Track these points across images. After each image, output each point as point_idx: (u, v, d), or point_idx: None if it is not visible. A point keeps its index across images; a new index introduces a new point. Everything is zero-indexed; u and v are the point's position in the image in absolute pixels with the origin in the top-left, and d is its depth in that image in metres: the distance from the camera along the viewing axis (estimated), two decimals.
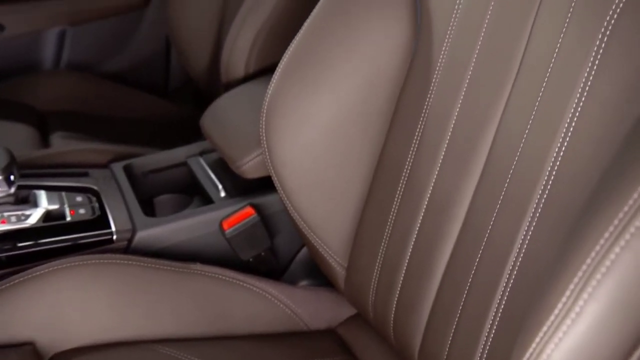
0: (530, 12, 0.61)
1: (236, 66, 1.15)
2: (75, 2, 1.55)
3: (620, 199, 0.47)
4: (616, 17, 0.53)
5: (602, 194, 0.49)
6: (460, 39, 0.68)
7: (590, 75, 0.54)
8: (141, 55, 1.66)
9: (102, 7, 1.58)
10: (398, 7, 0.75)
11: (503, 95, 0.63)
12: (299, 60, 0.79)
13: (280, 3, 1.10)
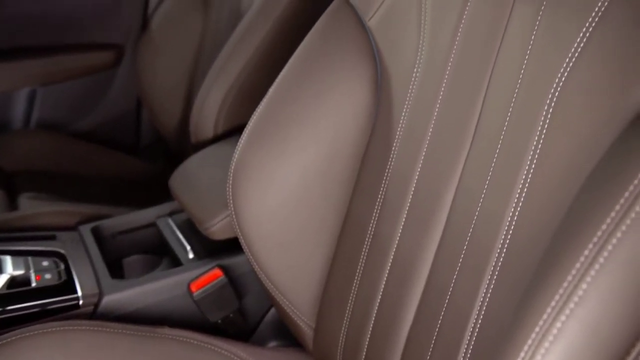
0: (483, 80, 0.64)
1: (205, 127, 1.17)
2: (46, 62, 1.57)
3: (571, 258, 0.49)
4: (560, 90, 0.56)
5: (555, 253, 0.51)
6: (419, 104, 0.71)
7: (539, 143, 0.57)
8: (112, 114, 1.68)
9: (73, 67, 1.60)
10: (360, 72, 0.78)
11: (460, 159, 0.66)
12: (265, 125, 0.81)
13: (248, 65, 1.13)
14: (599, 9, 0.54)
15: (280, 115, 0.80)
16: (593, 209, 0.48)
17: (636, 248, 0.46)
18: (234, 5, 1.32)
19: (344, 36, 0.79)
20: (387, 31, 0.75)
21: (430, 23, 0.70)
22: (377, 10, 0.75)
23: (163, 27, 1.50)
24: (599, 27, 0.54)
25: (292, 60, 0.82)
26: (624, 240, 0.46)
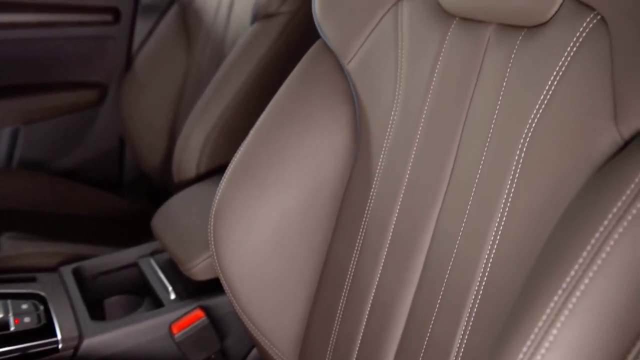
0: (458, 124, 0.65)
1: (187, 166, 1.17)
2: (29, 101, 1.57)
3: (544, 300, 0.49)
4: (531, 133, 0.57)
5: (528, 295, 0.52)
6: (397, 147, 0.72)
7: (512, 187, 0.58)
8: (95, 152, 1.68)
9: (56, 106, 1.60)
10: (339, 114, 0.79)
11: (437, 202, 0.67)
12: (246, 166, 0.82)
13: (230, 105, 1.14)
14: (568, 54, 0.55)
15: (261, 157, 0.81)
16: (565, 251, 0.49)
17: (608, 289, 0.47)
18: (217, 46, 1.34)
19: (323, 79, 0.81)
20: (365, 75, 0.77)
21: (407, 68, 0.72)
22: (355, 54, 0.77)
23: (147, 66, 1.52)
24: (568, 71, 0.55)
25: (273, 102, 0.84)
26: (595, 281, 0.47)
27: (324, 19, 0.80)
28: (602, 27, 0.53)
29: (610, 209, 0.46)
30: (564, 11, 0.56)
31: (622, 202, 0.46)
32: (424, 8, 0.71)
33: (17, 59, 1.54)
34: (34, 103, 1.58)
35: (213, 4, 1.38)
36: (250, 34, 1.16)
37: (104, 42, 1.62)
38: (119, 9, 1.60)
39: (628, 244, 0.45)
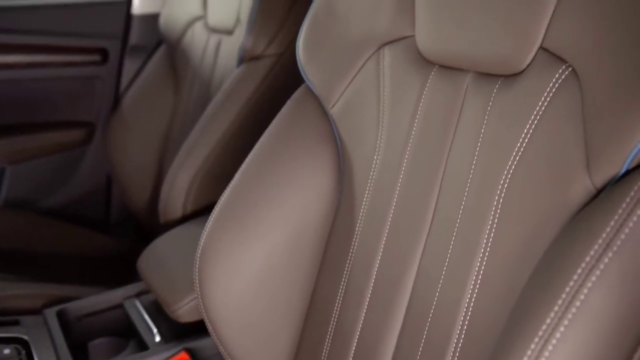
0: (439, 168, 0.67)
1: (174, 206, 1.18)
2: (16, 141, 1.57)
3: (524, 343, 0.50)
4: (509, 179, 0.58)
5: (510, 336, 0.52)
6: (380, 190, 0.73)
7: (491, 231, 0.59)
8: (82, 191, 1.68)
9: (43, 146, 1.61)
10: (323, 157, 0.81)
11: (420, 244, 0.67)
12: (231, 208, 0.83)
13: (216, 147, 1.15)
14: (542, 104, 0.57)
15: (246, 199, 0.82)
16: (539, 300, 0.50)
17: (582, 337, 0.48)
18: (204, 86, 1.35)
19: (307, 123, 0.82)
20: (348, 119, 0.78)
21: (389, 113, 0.73)
22: (339, 99, 0.79)
23: (134, 106, 1.53)
24: (542, 121, 0.57)
25: (259, 146, 0.85)
26: (569, 329, 0.48)
27: (308, 64, 0.81)
28: (573, 78, 0.54)
29: (582, 259, 0.47)
30: (538, 62, 0.58)
31: (594, 251, 0.47)
32: (404, 55, 0.73)
33: (5, 99, 1.55)
34: (22, 143, 1.58)
35: (200, 45, 1.40)
36: (237, 76, 1.18)
37: (92, 81, 1.63)
38: (107, 50, 1.62)
39: (599, 295, 0.46)
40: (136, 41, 1.64)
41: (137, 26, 1.63)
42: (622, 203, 0.47)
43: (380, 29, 0.74)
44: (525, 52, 0.59)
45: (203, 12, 1.42)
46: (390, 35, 0.73)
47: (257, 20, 1.17)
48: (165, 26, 1.53)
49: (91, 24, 1.60)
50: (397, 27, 0.73)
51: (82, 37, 1.59)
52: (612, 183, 0.50)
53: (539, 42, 0.58)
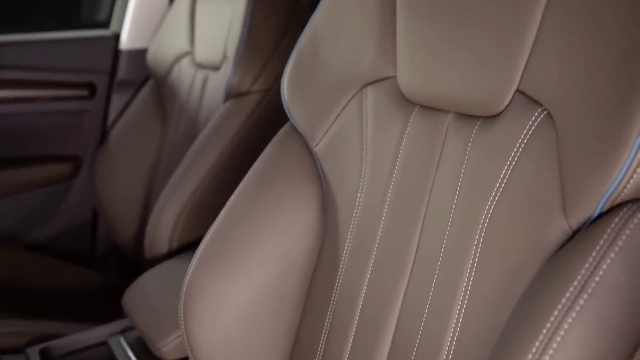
0: (421, 207, 0.68)
1: (160, 242, 1.18)
2: (2, 175, 1.57)
3: None
4: (489, 219, 0.59)
5: None
6: (364, 228, 0.74)
7: (472, 271, 0.60)
8: (68, 225, 1.67)
9: (30, 180, 1.61)
10: (308, 195, 0.81)
11: (403, 282, 0.68)
12: (216, 246, 0.83)
13: (203, 183, 1.16)
14: (520, 145, 0.58)
15: (232, 237, 0.82)
16: (518, 340, 0.50)
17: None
18: (191, 122, 1.36)
19: (292, 160, 0.83)
20: (332, 157, 0.79)
21: (372, 152, 0.74)
22: (323, 138, 0.80)
23: (121, 140, 1.54)
24: (520, 162, 0.58)
25: (244, 183, 0.85)
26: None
27: (293, 103, 0.82)
28: (549, 122, 0.56)
29: (558, 301, 0.48)
30: (515, 105, 0.60)
31: (570, 293, 0.48)
32: (387, 95, 0.74)
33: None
34: (8, 177, 1.58)
35: (187, 80, 1.42)
36: (223, 112, 1.19)
37: (80, 116, 1.64)
38: (95, 85, 1.63)
39: (575, 338, 0.47)
40: (124, 76, 1.65)
41: (126, 61, 1.64)
42: (596, 246, 0.48)
43: (363, 70, 0.75)
44: (503, 94, 0.60)
45: (191, 48, 1.44)
46: (373, 75, 0.75)
47: (243, 58, 1.19)
48: (153, 61, 1.55)
49: (80, 59, 1.61)
50: (380, 68, 0.74)
51: (71, 72, 1.60)
52: (587, 225, 0.51)
53: (516, 86, 0.59)
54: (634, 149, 0.47)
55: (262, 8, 1.21)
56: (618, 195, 0.49)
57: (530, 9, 0.58)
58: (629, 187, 0.48)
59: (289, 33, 1.22)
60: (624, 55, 0.49)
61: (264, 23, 1.21)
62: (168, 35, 1.51)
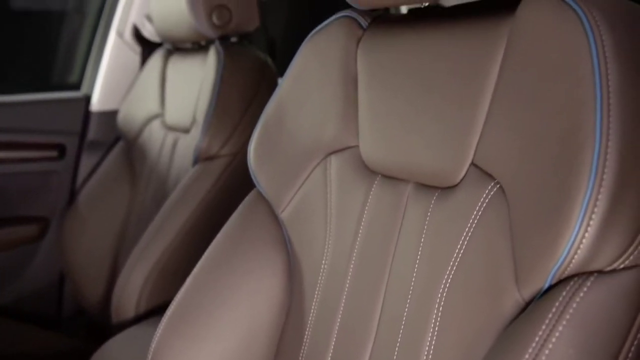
0: (383, 275, 0.69)
1: (128, 305, 1.17)
2: None
3: None
4: (445, 296, 0.61)
5: None
6: (328, 294, 0.75)
7: (432, 341, 0.61)
8: (34, 287, 1.65)
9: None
10: (274, 260, 0.82)
11: (367, 349, 0.69)
12: (182, 312, 0.83)
13: (171, 246, 1.16)
14: (474, 217, 0.60)
15: (198, 303, 0.83)
16: None
17: None
18: (160, 184, 1.37)
19: (258, 226, 0.84)
20: (297, 224, 0.80)
21: (336, 219, 0.76)
22: (288, 204, 0.81)
23: (90, 201, 1.54)
24: (475, 234, 0.60)
25: (211, 248, 0.86)
26: None
27: (259, 170, 0.84)
28: (501, 195, 0.58)
29: None
30: (470, 177, 0.62)
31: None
32: (350, 164, 0.76)
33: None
34: None
35: (157, 142, 1.43)
36: (192, 175, 1.21)
37: (48, 176, 1.64)
38: (64, 145, 1.64)
39: None
40: (94, 137, 1.67)
41: (96, 122, 1.66)
42: (545, 319, 0.50)
43: (326, 139, 0.78)
44: (458, 167, 0.63)
45: (161, 110, 1.47)
46: (336, 144, 0.77)
47: (212, 122, 1.21)
48: (123, 123, 1.57)
49: (50, 120, 1.62)
50: (343, 138, 0.77)
51: (41, 133, 1.61)
52: (538, 297, 0.53)
53: (470, 159, 0.62)
54: (576, 225, 0.49)
55: (231, 72, 1.25)
56: (565, 269, 0.51)
57: (481, 87, 0.62)
58: (574, 262, 0.50)
59: (257, 97, 1.25)
60: (564, 135, 0.52)
61: (233, 87, 1.24)
62: (139, 97, 1.54)
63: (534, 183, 0.54)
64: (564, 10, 0.54)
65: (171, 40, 1.45)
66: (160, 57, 1.51)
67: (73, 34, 1.80)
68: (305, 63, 0.82)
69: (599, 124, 0.49)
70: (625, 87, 0.50)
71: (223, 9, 1.27)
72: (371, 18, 0.79)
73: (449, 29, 0.68)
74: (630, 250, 0.50)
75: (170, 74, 1.47)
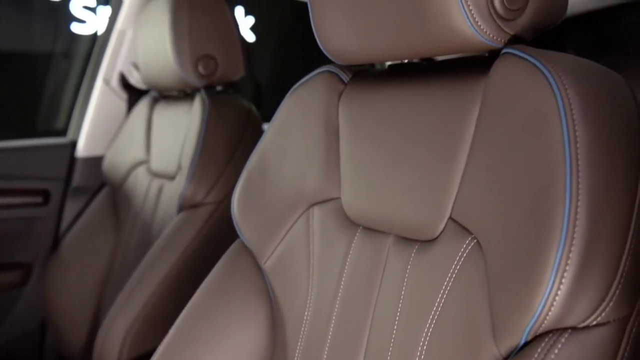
0: (365, 326, 0.70)
1: (109, 354, 1.16)
2: None
3: None
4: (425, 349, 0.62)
5: None
6: (310, 345, 0.75)
7: None
8: (15, 335, 1.62)
9: None
10: (257, 310, 0.82)
11: None
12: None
13: (154, 295, 1.16)
14: (453, 271, 0.61)
15: (181, 354, 0.82)
16: None
17: None
18: (145, 231, 1.37)
19: (242, 276, 0.85)
20: (280, 275, 0.81)
21: (318, 269, 0.77)
22: (271, 255, 0.82)
23: (74, 247, 1.53)
24: (453, 288, 0.61)
25: (194, 299, 0.86)
26: None
27: (242, 221, 0.85)
28: (479, 250, 0.59)
29: None
30: (449, 231, 0.63)
31: None
32: (332, 215, 0.77)
33: None
34: None
35: (142, 189, 1.44)
36: (176, 224, 1.21)
37: (32, 222, 1.63)
38: (49, 191, 1.64)
39: None
40: (79, 183, 1.67)
41: (81, 168, 1.67)
42: None
43: (309, 190, 0.79)
44: (436, 221, 0.64)
45: (146, 157, 1.47)
46: (319, 196, 0.78)
47: (197, 170, 1.22)
48: (109, 169, 1.57)
49: (35, 166, 1.63)
50: (325, 189, 0.78)
51: (25, 179, 1.61)
52: (514, 354, 0.54)
53: (448, 213, 0.64)
54: (549, 282, 0.51)
55: (216, 121, 1.26)
56: (540, 325, 0.52)
57: (458, 143, 0.63)
58: (548, 318, 0.51)
59: (242, 145, 1.27)
60: (538, 193, 0.53)
61: (218, 136, 1.25)
62: (125, 143, 1.55)
63: (508, 240, 0.55)
64: (533, 74, 0.56)
65: (157, 87, 1.47)
66: (147, 104, 1.53)
67: (60, 80, 1.82)
68: (288, 115, 0.84)
69: (569, 186, 0.51)
70: (592, 150, 0.52)
71: (209, 59, 1.29)
72: (352, 73, 0.81)
73: (428, 84, 0.70)
74: (602, 307, 0.51)
75: (156, 120, 1.48)
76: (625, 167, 0.53)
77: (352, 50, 0.72)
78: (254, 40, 2.24)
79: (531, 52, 0.59)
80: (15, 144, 1.62)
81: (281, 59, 2.46)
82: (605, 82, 0.56)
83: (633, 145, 0.54)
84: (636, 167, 0.53)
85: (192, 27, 1.29)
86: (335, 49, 0.75)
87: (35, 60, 1.88)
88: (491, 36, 0.60)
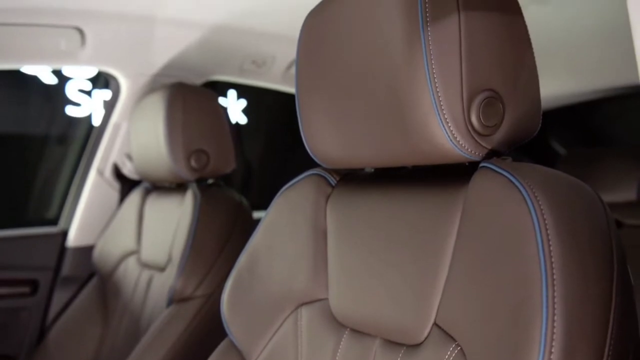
0: None
1: None
2: None
3: None
4: None
5: None
6: None
7: None
8: None
9: None
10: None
11: None
12: None
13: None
14: None
15: None
16: None
17: None
18: (133, 324, 1.36)
19: None
20: None
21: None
22: (260, 355, 0.82)
23: (60, 339, 1.51)
24: None
25: None
26: None
27: (231, 320, 0.86)
28: (462, 357, 0.60)
29: None
30: (433, 337, 0.64)
31: None
32: (319, 316, 0.78)
33: None
34: None
35: (132, 279, 1.44)
36: (166, 317, 1.20)
37: (18, 313, 1.61)
38: (37, 281, 1.63)
39: None
40: (68, 272, 1.66)
41: (71, 258, 1.66)
42: None
43: (297, 290, 0.80)
44: (421, 326, 0.65)
45: (137, 247, 1.48)
46: (307, 296, 0.79)
47: (188, 263, 1.23)
48: (99, 258, 1.57)
49: (24, 256, 1.62)
50: (313, 290, 0.79)
51: (13, 269, 1.60)
52: None
53: (433, 319, 0.65)
54: None
55: (207, 214, 1.28)
56: None
57: (441, 249, 0.65)
58: None
59: (232, 238, 1.28)
60: (517, 306, 0.55)
61: (209, 229, 1.27)
62: (115, 233, 1.56)
63: (490, 350, 0.56)
64: (509, 190, 0.59)
65: (150, 179, 1.50)
66: (139, 195, 1.55)
67: (53, 169, 1.84)
68: (277, 216, 0.86)
69: (545, 301, 0.53)
70: (566, 263, 0.54)
71: (201, 153, 1.33)
72: (340, 175, 0.84)
73: (411, 190, 0.72)
74: None
75: (147, 211, 1.50)
76: (597, 274, 0.55)
77: (338, 155, 0.75)
78: (245, 122, 2.30)
79: (506, 166, 0.62)
80: (5, 234, 1.62)
81: (272, 140, 2.51)
82: (576, 193, 0.59)
83: (604, 252, 0.56)
84: (609, 273, 0.55)
85: (186, 123, 1.33)
86: (322, 153, 0.78)
87: (29, 144, 1.91)
88: (469, 150, 0.63)
